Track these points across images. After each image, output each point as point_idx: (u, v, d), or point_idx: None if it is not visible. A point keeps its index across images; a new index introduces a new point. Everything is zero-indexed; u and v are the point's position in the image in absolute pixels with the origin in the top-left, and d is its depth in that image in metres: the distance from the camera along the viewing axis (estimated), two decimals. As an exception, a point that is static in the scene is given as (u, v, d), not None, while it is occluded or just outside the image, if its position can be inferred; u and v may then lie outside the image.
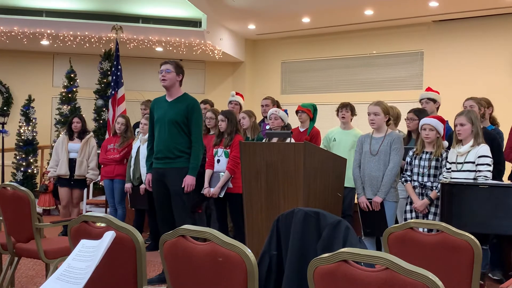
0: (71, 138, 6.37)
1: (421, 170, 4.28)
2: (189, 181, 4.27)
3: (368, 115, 4.48)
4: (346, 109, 5.39)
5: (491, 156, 4.01)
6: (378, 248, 4.49)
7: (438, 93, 5.35)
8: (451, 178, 4.07)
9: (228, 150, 5.10)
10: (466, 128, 4.07)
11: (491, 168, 3.98)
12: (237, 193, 4.90)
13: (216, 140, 5.22)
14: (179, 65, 4.39)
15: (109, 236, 1.92)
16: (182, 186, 4.26)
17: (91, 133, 6.56)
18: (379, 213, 4.31)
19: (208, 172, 5.17)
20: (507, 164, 4.72)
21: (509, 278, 3.42)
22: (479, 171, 3.97)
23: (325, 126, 6.32)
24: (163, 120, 4.33)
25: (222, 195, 5.05)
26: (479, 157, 3.99)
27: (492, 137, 4.52)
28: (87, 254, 1.86)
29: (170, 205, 4.32)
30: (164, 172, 4.32)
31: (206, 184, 5.13)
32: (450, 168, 4.15)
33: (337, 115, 5.49)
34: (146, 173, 4.61)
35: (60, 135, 7.21)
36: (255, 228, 4.25)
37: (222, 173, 5.07)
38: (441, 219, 3.85)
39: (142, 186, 5.77)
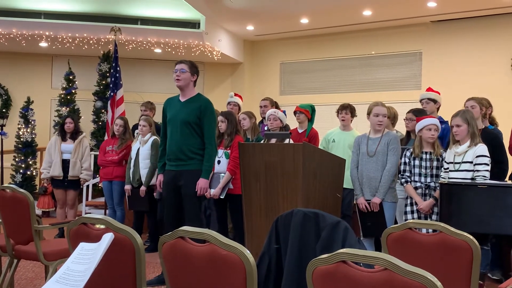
0: (63, 139, 6.36)
1: (423, 170, 4.26)
2: (202, 184, 4.20)
3: (376, 116, 4.40)
4: (346, 111, 5.34)
5: (489, 155, 4.01)
6: (377, 248, 4.48)
7: (439, 93, 5.33)
8: (448, 178, 4.07)
9: (229, 151, 5.10)
10: (462, 129, 4.07)
11: (489, 168, 3.98)
12: (237, 194, 4.88)
13: (216, 141, 5.21)
14: (194, 65, 4.33)
15: (107, 238, 1.92)
16: (196, 190, 4.20)
17: (84, 134, 6.54)
18: (378, 214, 4.30)
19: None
20: (510, 163, 4.70)
21: (509, 278, 3.42)
22: (477, 170, 3.97)
23: (324, 127, 6.32)
24: (175, 120, 4.28)
25: (223, 196, 5.05)
26: (477, 157, 3.99)
27: (493, 136, 4.53)
28: (86, 257, 1.86)
29: (179, 207, 4.28)
30: (176, 174, 4.26)
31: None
32: (447, 168, 4.15)
33: (337, 116, 5.48)
34: (158, 173, 4.57)
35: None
36: (255, 229, 4.24)
37: (223, 174, 5.06)
38: (440, 219, 3.85)
39: (143, 188, 5.77)
